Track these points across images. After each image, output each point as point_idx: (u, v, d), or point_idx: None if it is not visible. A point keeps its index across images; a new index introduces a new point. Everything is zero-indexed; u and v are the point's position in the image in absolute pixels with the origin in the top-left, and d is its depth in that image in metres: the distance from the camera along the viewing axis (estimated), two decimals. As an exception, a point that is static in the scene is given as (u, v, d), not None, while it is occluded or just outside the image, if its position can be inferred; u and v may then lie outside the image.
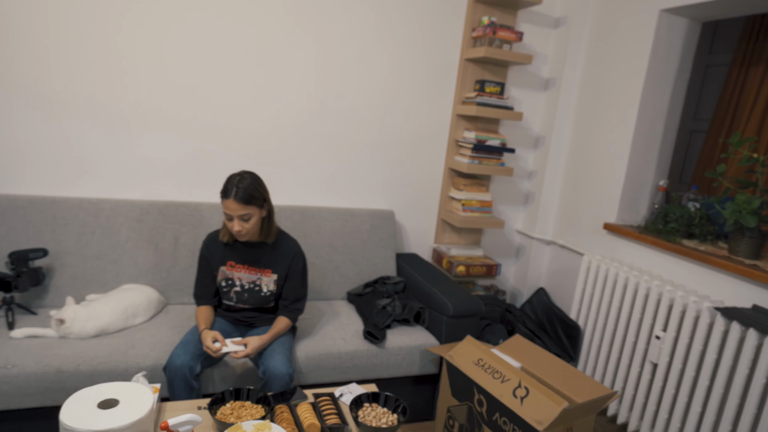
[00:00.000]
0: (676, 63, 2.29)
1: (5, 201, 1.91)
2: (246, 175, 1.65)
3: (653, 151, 2.37)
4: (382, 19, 2.37)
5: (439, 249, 2.69)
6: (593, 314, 2.34)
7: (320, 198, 2.49)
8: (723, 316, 1.75)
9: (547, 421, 1.44)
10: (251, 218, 1.66)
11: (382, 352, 1.96)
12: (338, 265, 2.37)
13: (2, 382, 1.51)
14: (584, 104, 2.58)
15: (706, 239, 2.12)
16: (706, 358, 1.80)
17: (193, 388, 1.61)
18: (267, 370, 1.62)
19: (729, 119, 2.55)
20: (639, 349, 2.08)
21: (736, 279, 1.84)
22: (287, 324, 1.78)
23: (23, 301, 1.91)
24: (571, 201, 2.66)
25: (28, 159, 2.02)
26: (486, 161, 2.51)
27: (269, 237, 1.77)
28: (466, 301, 2.09)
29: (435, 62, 2.52)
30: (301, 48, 2.28)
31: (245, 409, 1.36)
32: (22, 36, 1.91)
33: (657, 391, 1.99)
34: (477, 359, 1.73)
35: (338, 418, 1.39)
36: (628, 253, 2.31)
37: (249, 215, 1.65)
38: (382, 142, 2.53)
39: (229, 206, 1.62)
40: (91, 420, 1.13)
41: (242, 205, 1.62)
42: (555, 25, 2.69)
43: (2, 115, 1.95)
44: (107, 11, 1.99)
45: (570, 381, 1.69)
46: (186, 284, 2.13)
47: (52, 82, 1.98)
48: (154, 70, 2.10)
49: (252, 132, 2.30)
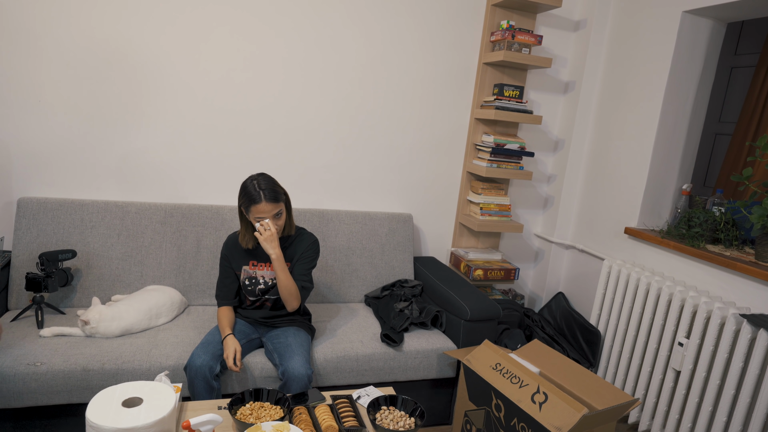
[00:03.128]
0: (700, 65, 2.25)
1: (36, 204, 1.97)
2: (261, 177, 1.69)
3: (676, 155, 2.33)
4: (400, 23, 2.39)
5: (456, 252, 2.68)
6: (614, 319, 2.30)
7: (339, 201, 2.51)
8: (750, 323, 1.71)
9: (566, 428, 1.43)
10: (282, 214, 1.70)
11: (400, 355, 1.97)
12: (356, 268, 2.38)
13: (31, 379, 1.56)
14: (605, 107, 2.55)
15: (732, 244, 2.07)
16: (732, 366, 1.76)
17: (213, 388, 1.63)
18: (286, 371, 1.64)
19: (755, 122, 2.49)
20: (661, 356, 2.04)
21: (763, 285, 1.80)
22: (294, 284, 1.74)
23: (52, 300, 1.97)
24: (591, 205, 2.62)
25: (58, 163, 2.09)
26: (505, 165, 2.50)
27: (290, 229, 1.80)
28: (484, 305, 2.08)
29: (453, 66, 2.52)
30: (319, 53, 2.31)
31: (264, 410, 1.38)
32: (52, 44, 1.98)
33: (680, 399, 1.95)
34: (495, 363, 1.72)
35: (356, 420, 1.40)
36: (650, 258, 2.27)
37: (280, 212, 1.69)
38: (401, 146, 2.54)
39: (262, 210, 1.65)
40: (116, 418, 1.16)
41: (274, 204, 1.65)
42: (575, 28, 2.66)
43: (34, 122, 2.02)
44: (132, 22, 2.04)
45: (590, 387, 1.67)
46: (207, 285, 2.17)
47: (81, 90, 2.04)
48: (178, 77, 2.15)
49: (272, 136, 2.33)
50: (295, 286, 1.74)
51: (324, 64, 2.33)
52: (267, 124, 2.31)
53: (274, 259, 1.68)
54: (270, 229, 1.66)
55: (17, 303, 1.94)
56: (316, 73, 2.32)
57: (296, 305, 1.76)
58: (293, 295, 1.74)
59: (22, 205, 1.96)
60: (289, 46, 2.26)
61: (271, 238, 1.66)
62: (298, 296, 1.75)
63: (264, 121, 2.31)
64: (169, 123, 2.18)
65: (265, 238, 1.66)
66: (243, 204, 1.68)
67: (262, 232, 1.66)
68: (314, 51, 2.30)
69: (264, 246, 1.67)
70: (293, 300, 1.74)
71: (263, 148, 2.33)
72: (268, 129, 2.32)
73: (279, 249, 1.69)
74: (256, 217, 1.66)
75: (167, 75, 2.13)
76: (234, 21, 2.16)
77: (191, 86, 2.17)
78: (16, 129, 2.01)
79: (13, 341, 1.68)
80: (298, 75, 2.30)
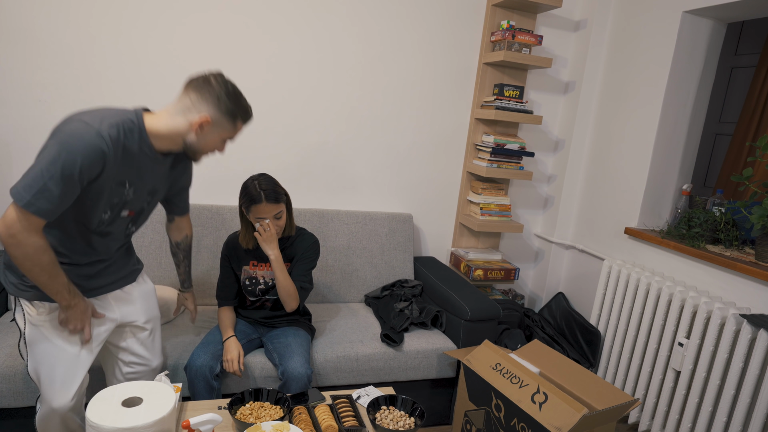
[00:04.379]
0: (700, 65, 2.25)
1: (35, 204, 1.97)
2: (262, 177, 1.68)
3: (676, 155, 2.33)
4: (400, 24, 2.39)
5: (457, 253, 2.68)
6: (614, 320, 2.30)
7: (339, 201, 2.51)
8: (750, 323, 1.71)
9: (566, 428, 1.43)
10: (282, 214, 1.70)
11: (400, 355, 1.97)
12: (356, 268, 2.38)
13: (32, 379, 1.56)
14: (605, 107, 2.55)
15: (732, 245, 2.07)
16: (732, 366, 1.76)
17: (213, 388, 1.63)
18: (286, 371, 1.64)
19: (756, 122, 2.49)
20: (661, 356, 2.04)
21: (763, 286, 1.80)
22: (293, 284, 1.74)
23: (52, 300, 1.97)
24: (591, 205, 2.62)
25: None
26: (505, 165, 2.50)
27: (290, 230, 1.79)
28: (484, 305, 2.08)
29: (454, 66, 2.52)
30: (319, 53, 2.31)
31: (264, 410, 1.38)
32: (52, 44, 1.98)
33: (680, 399, 1.95)
34: (495, 364, 1.72)
35: (356, 420, 1.40)
36: (650, 258, 2.27)
37: (280, 212, 1.68)
38: (401, 146, 2.54)
39: (262, 210, 1.64)
40: (115, 417, 1.16)
41: (274, 204, 1.65)
42: (575, 28, 2.66)
43: (33, 121, 2.02)
44: (132, 22, 2.04)
45: (590, 387, 1.67)
46: (207, 286, 2.17)
47: (81, 90, 2.04)
48: (178, 77, 2.15)
49: (272, 136, 2.33)
50: (293, 286, 1.73)
51: (324, 64, 2.33)
52: (267, 124, 2.31)
53: (273, 260, 1.68)
54: (269, 230, 1.66)
55: (17, 303, 1.94)
56: (316, 73, 2.32)
57: (295, 306, 1.76)
58: (292, 296, 1.73)
59: (22, 204, 1.96)
60: (290, 46, 2.26)
61: (270, 238, 1.66)
62: (296, 297, 1.75)
63: (264, 121, 2.30)
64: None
65: (264, 238, 1.66)
66: (243, 204, 1.68)
67: (261, 232, 1.66)
68: (314, 51, 2.30)
69: (263, 246, 1.67)
70: (292, 301, 1.74)
71: (263, 148, 2.33)
72: (268, 129, 2.32)
73: (278, 250, 1.69)
74: (257, 217, 1.66)
75: (167, 75, 2.13)
76: (234, 23, 2.16)
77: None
78: (16, 129, 2.01)
79: (13, 341, 1.68)
80: (299, 75, 2.30)
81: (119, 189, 1.26)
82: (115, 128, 1.18)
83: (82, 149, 1.12)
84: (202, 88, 1.24)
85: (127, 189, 1.28)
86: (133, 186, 1.29)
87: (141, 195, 1.33)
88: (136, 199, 1.33)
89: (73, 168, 1.12)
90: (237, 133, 1.33)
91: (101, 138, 1.14)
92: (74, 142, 1.11)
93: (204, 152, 1.33)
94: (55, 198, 1.12)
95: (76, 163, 1.11)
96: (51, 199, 1.12)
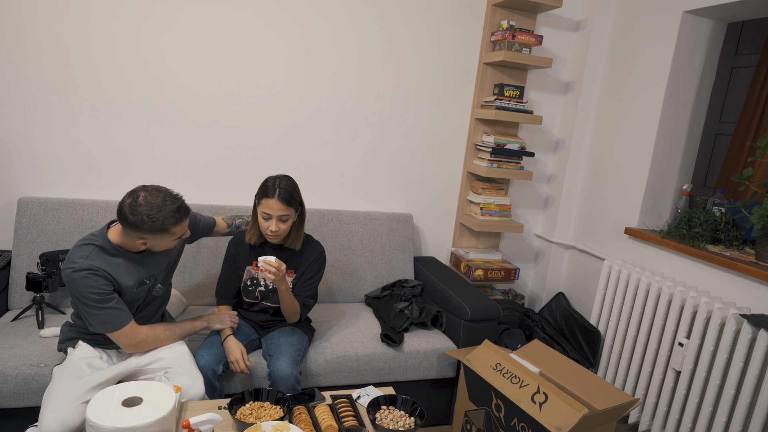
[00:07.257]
0: (700, 65, 2.25)
1: (37, 203, 1.98)
2: (285, 178, 1.68)
3: (676, 155, 2.33)
4: (400, 23, 2.39)
5: (457, 253, 2.68)
6: (614, 320, 2.30)
7: (339, 201, 2.51)
8: (750, 323, 1.71)
9: (566, 428, 1.43)
10: (288, 220, 1.68)
11: (400, 355, 1.97)
12: (356, 268, 2.39)
13: (33, 379, 1.56)
14: (605, 107, 2.55)
15: (732, 245, 2.07)
16: (732, 366, 1.76)
17: (216, 389, 1.63)
18: (273, 371, 1.64)
19: (756, 122, 2.49)
20: (661, 356, 2.04)
21: (763, 286, 1.80)
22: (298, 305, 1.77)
23: (52, 300, 1.97)
24: (591, 205, 2.62)
25: (58, 163, 2.09)
26: (505, 165, 2.50)
27: (296, 244, 1.77)
28: (484, 305, 2.08)
29: (454, 66, 2.52)
30: (319, 53, 2.31)
31: (264, 410, 1.38)
32: (53, 44, 1.98)
33: (680, 399, 1.95)
34: (495, 364, 1.72)
35: (356, 420, 1.40)
36: (650, 258, 2.27)
37: (287, 216, 1.67)
38: (401, 146, 2.54)
39: (271, 206, 1.64)
40: (115, 417, 1.16)
41: (284, 205, 1.64)
42: (575, 28, 2.66)
43: (34, 121, 2.03)
44: (132, 19, 2.05)
45: (590, 387, 1.67)
46: (207, 286, 2.17)
47: (83, 89, 2.05)
48: (178, 76, 2.15)
49: (272, 136, 2.33)
50: (297, 305, 1.76)
51: (324, 64, 2.33)
52: (267, 124, 2.31)
53: (282, 290, 1.69)
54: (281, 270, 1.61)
55: (18, 303, 1.94)
56: (316, 73, 2.32)
57: (296, 320, 1.82)
58: (295, 312, 1.78)
59: (23, 204, 1.96)
60: (289, 46, 2.26)
61: (282, 279, 1.65)
62: (298, 312, 1.79)
63: (264, 121, 2.31)
64: (169, 122, 2.18)
65: (276, 278, 1.62)
66: (258, 194, 1.69)
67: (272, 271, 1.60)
68: (314, 51, 2.30)
69: (275, 283, 1.66)
70: (294, 316, 1.79)
71: (263, 148, 2.33)
72: (268, 129, 2.32)
73: (287, 283, 1.70)
74: (263, 211, 1.66)
75: (167, 75, 2.13)
76: (235, 20, 2.16)
77: (192, 86, 2.17)
78: (16, 129, 2.02)
79: (14, 341, 1.68)
80: (298, 75, 2.30)
81: (141, 288, 1.53)
82: (92, 258, 1.42)
83: (89, 283, 1.40)
84: (125, 223, 1.43)
85: (148, 284, 1.56)
86: (151, 277, 1.56)
87: (160, 276, 1.60)
88: (159, 278, 1.61)
89: (102, 291, 1.42)
90: (181, 231, 1.49)
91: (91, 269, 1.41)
92: (78, 286, 1.39)
93: (165, 249, 1.52)
94: (116, 311, 1.44)
95: (99, 288, 1.41)
96: (116, 314, 1.44)
